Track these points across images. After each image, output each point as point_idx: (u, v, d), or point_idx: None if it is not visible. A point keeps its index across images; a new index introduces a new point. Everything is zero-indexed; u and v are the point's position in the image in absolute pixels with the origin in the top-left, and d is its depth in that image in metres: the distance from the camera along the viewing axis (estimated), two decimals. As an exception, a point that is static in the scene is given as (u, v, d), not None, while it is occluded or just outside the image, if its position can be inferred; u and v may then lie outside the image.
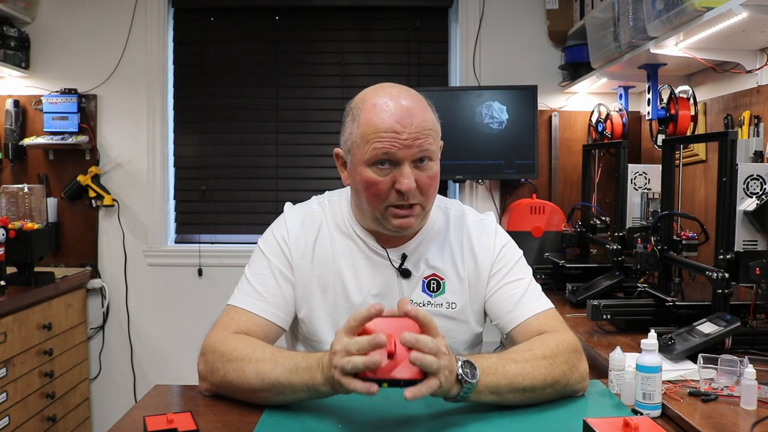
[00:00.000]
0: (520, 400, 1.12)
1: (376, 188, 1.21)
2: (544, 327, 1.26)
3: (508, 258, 1.35)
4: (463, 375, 1.03)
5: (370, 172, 1.21)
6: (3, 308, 2.30)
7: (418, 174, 1.21)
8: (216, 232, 3.23)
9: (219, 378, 1.16)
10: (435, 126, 1.24)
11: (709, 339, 1.45)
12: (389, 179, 1.20)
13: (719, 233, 1.60)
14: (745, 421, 1.13)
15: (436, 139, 1.24)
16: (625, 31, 2.23)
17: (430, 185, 1.23)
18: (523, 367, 1.12)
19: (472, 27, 3.11)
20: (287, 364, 1.09)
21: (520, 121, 2.92)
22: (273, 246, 1.33)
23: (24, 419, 2.44)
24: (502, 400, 1.10)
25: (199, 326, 1.26)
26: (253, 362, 1.12)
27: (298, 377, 1.07)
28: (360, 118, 1.22)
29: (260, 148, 3.22)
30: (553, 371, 1.14)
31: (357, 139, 1.22)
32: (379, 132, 1.18)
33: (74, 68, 3.11)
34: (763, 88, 2.01)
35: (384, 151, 1.18)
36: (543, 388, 1.13)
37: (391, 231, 1.26)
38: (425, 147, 1.20)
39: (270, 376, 1.10)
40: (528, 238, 2.78)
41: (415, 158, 1.20)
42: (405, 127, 1.18)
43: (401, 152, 1.18)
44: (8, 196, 2.70)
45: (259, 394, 1.12)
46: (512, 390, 1.10)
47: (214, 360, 1.17)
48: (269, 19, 3.20)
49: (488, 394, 1.08)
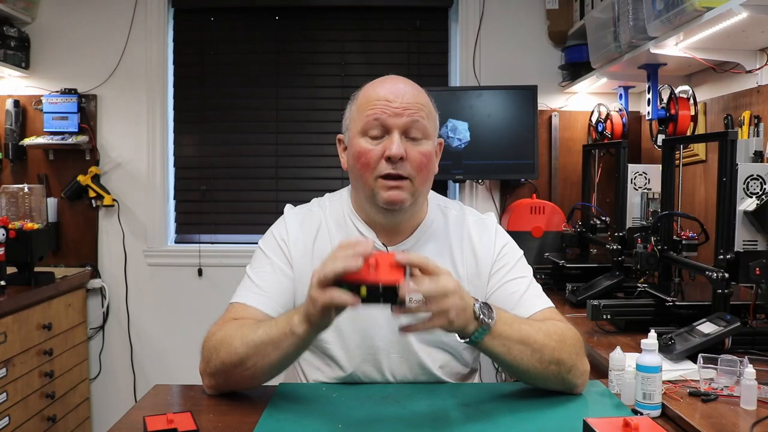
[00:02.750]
0: (528, 361, 1.13)
1: (367, 157, 1.24)
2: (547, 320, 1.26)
3: (510, 257, 1.36)
4: (480, 313, 1.08)
5: (362, 142, 1.25)
6: (3, 308, 2.30)
7: (409, 146, 1.24)
8: (216, 232, 3.23)
9: (214, 366, 1.18)
10: (429, 107, 1.29)
11: (709, 339, 1.45)
12: (380, 148, 1.24)
13: (719, 233, 1.60)
14: (745, 421, 1.14)
15: (430, 119, 1.27)
16: (625, 31, 2.23)
17: (422, 162, 1.25)
18: (536, 333, 1.15)
19: (472, 27, 3.11)
20: (268, 323, 1.14)
21: (520, 121, 2.92)
22: (273, 245, 1.35)
23: (24, 419, 2.44)
24: (509, 353, 1.12)
25: (199, 326, 1.26)
26: (238, 334, 1.16)
27: (277, 328, 1.11)
28: (358, 97, 1.29)
29: (260, 148, 3.22)
30: (562, 350, 1.16)
31: (354, 114, 1.29)
32: (372, 101, 1.25)
33: (74, 68, 3.11)
34: (763, 88, 2.01)
35: (375, 117, 1.23)
36: (549, 362, 1.15)
37: (381, 208, 1.27)
38: (416, 118, 1.24)
39: (253, 338, 1.13)
40: (528, 238, 2.78)
41: (407, 127, 1.23)
42: (397, 97, 1.24)
43: (391, 119, 1.23)
44: (8, 196, 2.70)
45: (247, 365, 1.13)
46: (522, 345, 1.12)
47: (209, 349, 1.19)
48: (269, 19, 3.20)
49: (499, 344, 1.10)
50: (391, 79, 1.29)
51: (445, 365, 1.32)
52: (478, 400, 1.19)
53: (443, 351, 1.32)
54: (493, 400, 1.20)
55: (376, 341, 1.28)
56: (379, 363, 1.29)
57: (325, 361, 1.31)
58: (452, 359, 1.33)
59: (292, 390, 1.26)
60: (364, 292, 0.97)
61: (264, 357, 1.12)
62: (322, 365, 1.31)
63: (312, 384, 1.31)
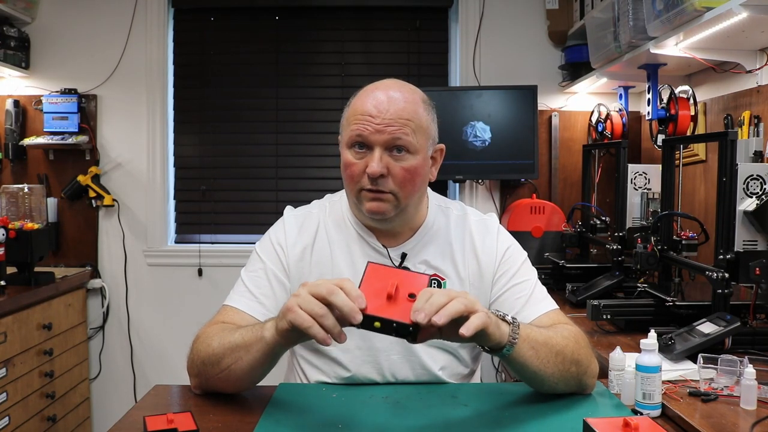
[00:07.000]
0: (554, 363, 1.12)
1: (351, 170, 1.24)
2: (556, 324, 1.26)
3: (513, 260, 1.35)
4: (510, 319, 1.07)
5: (348, 154, 1.25)
6: (3, 308, 2.30)
7: (391, 163, 1.22)
8: (216, 232, 3.23)
9: (195, 365, 1.19)
10: (418, 120, 1.23)
11: (709, 339, 1.45)
12: (363, 163, 1.23)
13: (719, 233, 1.60)
14: (745, 421, 1.14)
15: (418, 134, 1.23)
16: (625, 31, 2.23)
17: (405, 177, 1.23)
18: (555, 335, 1.15)
19: (472, 27, 3.11)
20: (247, 327, 1.14)
21: (520, 121, 2.92)
22: (269, 250, 1.35)
23: (24, 419, 2.44)
24: (538, 358, 1.10)
25: (199, 326, 1.27)
26: (218, 336, 1.16)
27: (252, 332, 1.11)
28: (350, 104, 1.28)
29: (260, 148, 3.22)
30: (578, 350, 1.17)
31: (344, 122, 1.28)
32: (356, 114, 1.23)
33: (74, 68, 3.11)
34: (763, 88, 2.01)
35: (357, 133, 1.22)
36: (570, 363, 1.15)
37: (367, 216, 1.28)
38: (398, 135, 1.21)
39: (230, 339, 1.13)
40: (528, 238, 2.78)
41: (389, 145, 1.22)
42: (381, 112, 1.21)
43: (373, 136, 1.21)
44: (8, 196, 2.70)
45: (221, 366, 1.14)
46: (547, 348, 1.11)
47: (193, 349, 1.21)
48: (269, 19, 3.20)
49: (529, 348, 1.09)
50: (382, 88, 1.24)
51: (446, 366, 1.32)
52: (478, 400, 1.19)
53: (444, 352, 1.32)
54: (493, 400, 1.20)
55: (376, 342, 1.28)
56: (380, 364, 1.29)
57: (325, 362, 1.31)
58: (453, 360, 1.33)
59: (292, 390, 1.26)
60: (378, 325, 0.94)
61: (237, 360, 1.12)
62: (323, 366, 1.31)
63: (312, 384, 1.31)
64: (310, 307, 0.96)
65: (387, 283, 0.98)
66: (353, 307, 0.94)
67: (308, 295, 0.97)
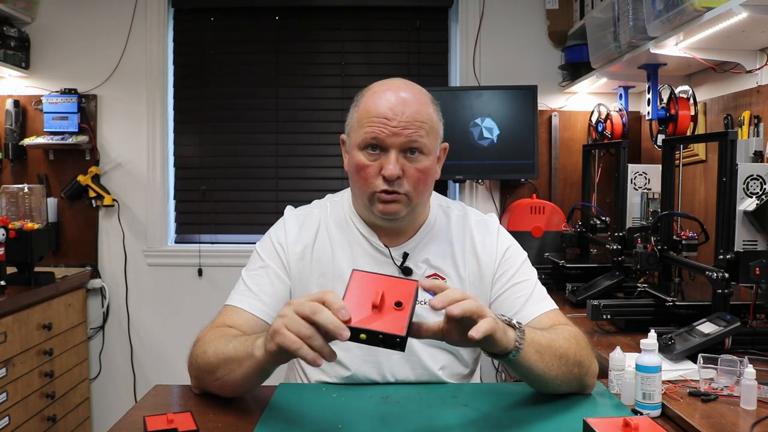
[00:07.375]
0: (557, 366, 1.12)
1: (365, 172, 1.24)
2: (555, 324, 1.26)
3: (513, 260, 1.35)
4: (515, 323, 1.06)
5: (361, 155, 1.24)
6: (3, 308, 2.30)
7: (406, 164, 1.23)
8: (216, 232, 3.23)
9: (193, 368, 1.20)
10: (431, 122, 1.25)
11: (709, 339, 1.45)
12: (377, 165, 1.23)
13: (719, 233, 1.60)
14: (745, 421, 1.14)
15: (431, 135, 1.24)
16: (625, 31, 2.23)
17: (419, 178, 1.24)
18: (557, 337, 1.15)
19: (472, 27, 3.11)
20: (241, 339, 1.13)
21: (520, 121, 2.92)
22: (269, 249, 1.35)
23: (24, 419, 2.44)
24: (542, 361, 1.09)
25: (199, 326, 1.27)
26: (214, 344, 1.16)
27: (243, 347, 1.09)
28: (360, 104, 1.27)
29: (260, 148, 3.22)
30: (580, 351, 1.17)
31: (354, 123, 1.27)
32: (371, 116, 1.22)
33: (74, 68, 3.11)
34: (763, 88, 2.01)
35: (373, 136, 1.21)
36: (573, 364, 1.14)
37: (378, 217, 1.28)
38: (414, 138, 1.21)
39: (224, 350, 1.13)
40: (528, 238, 2.78)
41: (404, 147, 1.22)
42: (396, 114, 1.21)
43: (389, 139, 1.21)
44: (8, 196, 2.70)
45: (216, 375, 1.14)
46: (551, 351, 1.11)
47: (193, 353, 1.21)
48: (269, 19, 3.20)
49: (534, 352, 1.08)
50: (393, 89, 1.24)
51: (446, 366, 1.32)
52: (478, 400, 1.19)
53: (444, 351, 1.32)
54: (493, 400, 1.20)
55: (376, 342, 1.28)
56: (380, 363, 1.29)
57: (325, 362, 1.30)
58: (453, 359, 1.33)
59: (292, 390, 1.26)
60: (364, 336, 0.93)
61: (230, 372, 1.11)
62: (323, 365, 1.30)
63: (312, 384, 1.31)
64: (297, 328, 0.95)
65: (372, 292, 0.96)
66: (338, 324, 0.92)
67: (294, 315, 0.96)
